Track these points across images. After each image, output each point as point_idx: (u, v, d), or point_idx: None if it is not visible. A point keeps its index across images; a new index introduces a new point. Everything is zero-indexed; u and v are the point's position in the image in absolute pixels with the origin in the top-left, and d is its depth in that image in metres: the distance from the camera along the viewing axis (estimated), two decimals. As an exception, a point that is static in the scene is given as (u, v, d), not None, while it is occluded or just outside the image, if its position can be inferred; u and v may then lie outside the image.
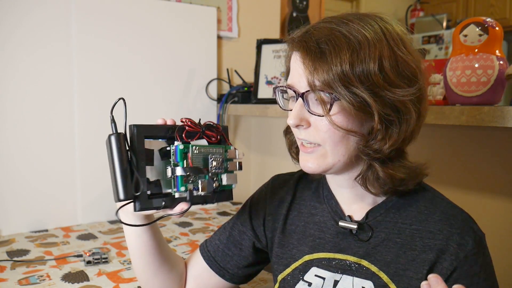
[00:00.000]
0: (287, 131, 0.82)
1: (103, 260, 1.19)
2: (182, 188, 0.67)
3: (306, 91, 0.66)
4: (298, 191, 0.86)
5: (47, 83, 1.50)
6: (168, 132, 0.70)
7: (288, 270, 0.80)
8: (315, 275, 0.76)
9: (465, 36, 0.99)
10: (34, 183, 1.50)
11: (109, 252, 1.28)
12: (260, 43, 1.77)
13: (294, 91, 0.68)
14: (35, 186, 1.50)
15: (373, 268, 0.71)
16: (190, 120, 0.71)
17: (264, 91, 1.75)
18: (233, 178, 0.74)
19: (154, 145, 0.70)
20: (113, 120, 0.69)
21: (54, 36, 1.50)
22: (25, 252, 1.28)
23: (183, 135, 0.70)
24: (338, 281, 0.73)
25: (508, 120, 0.88)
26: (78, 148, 1.57)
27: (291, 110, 0.70)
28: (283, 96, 0.75)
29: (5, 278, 1.08)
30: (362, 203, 0.76)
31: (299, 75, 0.67)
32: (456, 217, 0.69)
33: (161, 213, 0.72)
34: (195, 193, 0.69)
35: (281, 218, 0.84)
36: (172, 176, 0.68)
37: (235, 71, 1.95)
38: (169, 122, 0.72)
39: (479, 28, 0.97)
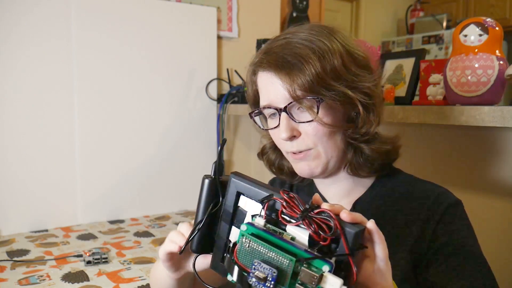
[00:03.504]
0: (263, 152, 0.88)
1: (103, 260, 1.19)
2: (229, 277, 0.52)
3: (289, 104, 0.70)
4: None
5: (47, 82, 1.50)
6: (262, 199, 0.51)
7: None
8: None
9: (465, 36, 0.99)
10: (34, 183, 1.50)
11: (109, 252, 1.28)
12: (260, 43, 1.77)
13: (275, 108, 0.72)
14: (35, 186, 1.50)
15: None
16: (289, 195, 0.49)
17: (264, 91, 1.75)
18: None
19: (252, 206, 0.53)
20: (216, 162, 0.58)
21: (54, 34, 1.50)
22: (25, 252, 1.28)
23: (279, 213, 0.49)
24: None
25: (508, 120, 0.88)
26: (78, 148, 1.57)
27: (274, 127, 0.74)
28: (258, 119, 0.80)
29: (5, 278, 1.08)
30: (349, 197, 0.80)
31: (276, 92, 0.71)
32: (434, 191, 0.74)
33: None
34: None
35: None
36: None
37: (235, 71, 1.95)
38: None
39: (479, 28, 0.97)
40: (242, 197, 0.54)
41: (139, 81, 1.69)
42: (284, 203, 0.48)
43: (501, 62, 0.96)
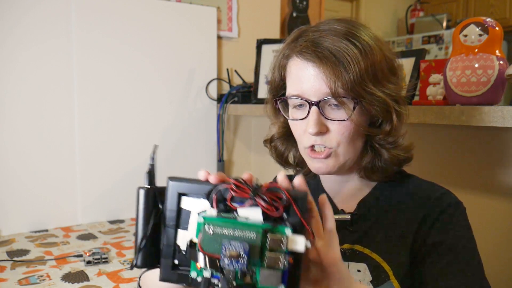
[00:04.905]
0: (271, 140, 0.85)
1: (103, 260, 1.19)
2: (193, 274, 0.51)
3: (324, 99, 0.68)
4: None
5: (47, 82, 1.50)
6: (208, 192, 0.52)
7: None
8: None
9: (465, 36, 0.99)
10: (34, 183, 1.50)
11: (109, 252, 1.28)
12: (260, 43, 1.77)
13: (306, 101, 0.69)
14: (35, 186, 1.50)
15: (366, 251, 0.74)
16: (237, 181, 0.50)
17: (264, 91, 1.74)
18: (273, 278, 0.48)
19: (196, 204, 0.54)
20: (149, 171, 0.57)
21: (54, 33, 1.50)
22: (25, 252, 1.28)
23: (228, 200, 0.51)
24: None
25: (508, 120, 0.88)
26: (78, 148, 1.57)
27: (300, 119, 0.71)
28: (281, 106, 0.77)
29: (5, 278, 1.08)
30: (354, 197, 0.79)
31: (312, 83, 0.68)
32: (436, 191, 0.74)
33: None
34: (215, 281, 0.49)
35: None
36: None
37: (235, 71, 1.95)
38: (211, 179, 0.55)
39: (479, 28, 0.96)
40: (183, 198, 0.54)
41: (139, 81, 1.69)
42: (234, 187, 0.50)
43: (501, 62, 0.96)
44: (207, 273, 0.50)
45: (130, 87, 1.67)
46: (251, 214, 0.50)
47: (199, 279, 0.51)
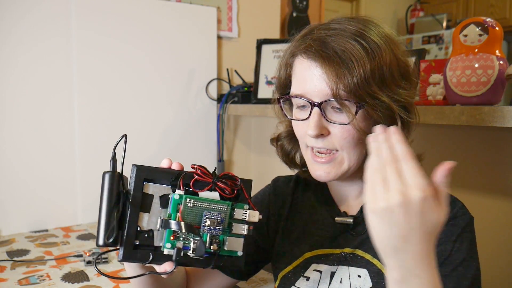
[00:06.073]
0: (277, 139, 0.84)
1: (103, 260, 1.19)
2: (168, 245, 0.58)
3: (326, 100, 0.66)
4: (298, 192, 0.88)
5: (47, 82, 1.50)
6: (172, 178, 0.60)
7: (289, 267, 0.81)
8: (314, 270, 0.78)
9: (465, 36, 0.99)
10: (34, 183, 1.50)
11: (109, 252, 1.28)
12: (260, 43, 1.77)
13: (308, 101, 0.68)
14: (35, 186, 1.50)
15: (367, 256, 0.73)
16: (201, 167, 0.60)
17: (264, 91, 1.75)
18: (236, 244, 0.61)
19: (158, 189, 0.61)
20: (113, 157, 0.62)
21: (54, 33, 1.50)
22: (25, 252, 1.28)
23: (191, 184, 0.59)
24: (334, 272, 0.75)
25: (508, 120, 0.88)
26: (78, 148, 1.57)
27: (302, 119, 0.70)
28: (284, 105, 0.76)
29: (5, 278, 1.08)
30: (358, 200, 0.78)
31: (315, 84, 0.67)
32: (449, 204, 0.71)
33: (149, 267, 0.63)
34: (189, 253, 0.59)
35: (283, 218, 0.86)
36: (161, 229, 0.59)
37: (235, 71, 1.95)
38: (174, 166, 0.61)
39: (479, 28, 0.96)
40: (146, 184, 0.59)
41: (139, 81, 1.69)
42: (199, 172, 0.60)
43: (501, 62, 0.96)
44: (179, 244, 0.58)
45: (130, 87, 1.67)
46: (211, 195, 0.61)
47: (165, 251, 0.58)
